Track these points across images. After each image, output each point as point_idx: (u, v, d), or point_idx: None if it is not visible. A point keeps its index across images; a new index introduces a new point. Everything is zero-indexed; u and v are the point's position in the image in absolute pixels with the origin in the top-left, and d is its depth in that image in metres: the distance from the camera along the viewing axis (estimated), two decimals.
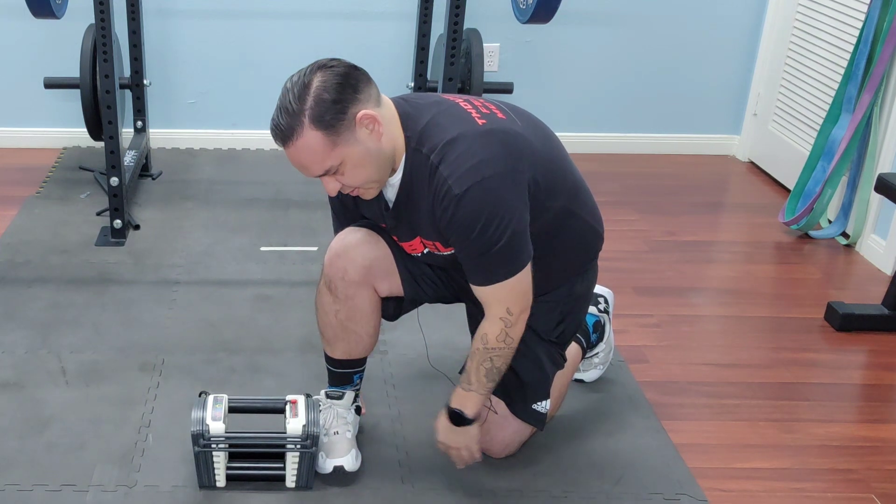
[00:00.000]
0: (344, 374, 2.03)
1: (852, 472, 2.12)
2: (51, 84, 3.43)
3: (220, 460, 1.95)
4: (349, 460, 1.99)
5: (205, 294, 2.78)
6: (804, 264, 3.15)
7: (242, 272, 2.92)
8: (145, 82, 3.54)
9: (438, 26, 3.28)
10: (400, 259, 1.96)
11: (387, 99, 1.77)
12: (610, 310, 2.37)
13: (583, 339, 2.24)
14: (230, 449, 1.95)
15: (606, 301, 2.37)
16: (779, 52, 3.77)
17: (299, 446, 1.93)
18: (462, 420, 1.91)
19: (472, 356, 1.87)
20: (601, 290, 2.36)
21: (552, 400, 2.08)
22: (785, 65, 3.73)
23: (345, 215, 2.00)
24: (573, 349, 2.18)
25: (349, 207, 1.98)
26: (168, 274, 2.88)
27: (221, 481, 1.97)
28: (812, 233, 3.33)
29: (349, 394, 2.04)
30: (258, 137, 3.89)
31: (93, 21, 3.05)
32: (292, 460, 1.95)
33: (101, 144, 3.29)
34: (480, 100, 1.85)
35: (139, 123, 3.62)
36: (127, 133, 3.56)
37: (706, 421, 2.29)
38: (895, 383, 2.49)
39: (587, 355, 2.31)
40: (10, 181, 3.56)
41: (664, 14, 3.84)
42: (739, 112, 4.02)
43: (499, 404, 2.04)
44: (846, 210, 3.28)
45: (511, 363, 1.89)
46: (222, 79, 3.84)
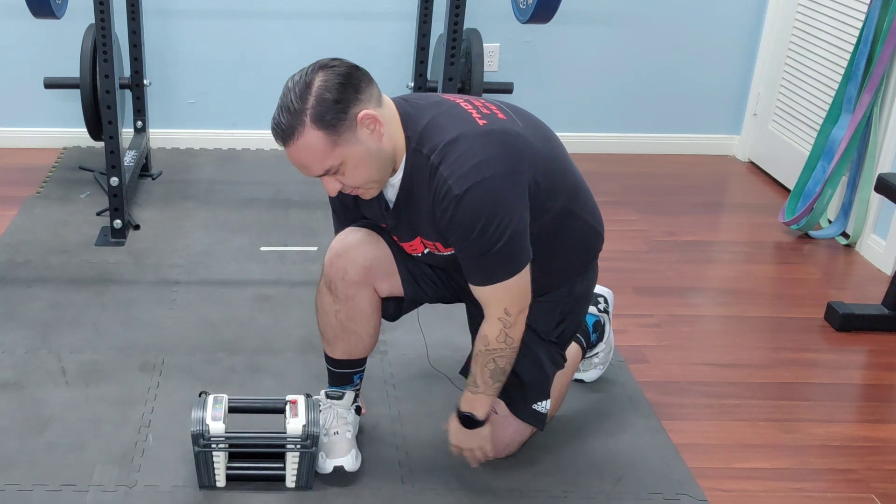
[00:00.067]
0: (344, 375, 2.03)
1: (852, 472, 2.12)
2: (51, 84, 3.43)
3: (220, 460, 1.95)
4: (349, 460, 1.99)
5: (205, 294, 2.78)
6: (804, 264, 3.15)
7: (242, 272, 2.92)
8: (145, 82, 3.54)
9: (438, 26, 3.28)
10: (400, 259, 1.96)
11: (387, 99, 1.77)
12: (610, 310, 2.37)
13: (583, 339, 2.24)
14: (230, 449, 1.95)
15: (606, 301, 2.36)
16: (779, 52, 3.77)
17: (299, 446, 1.93)
18: (473, 423, 1.92)
19: (476, 359, 1.87)
20: (601, 290, 2.36)
21: (552, 400, 2.08)
22: (785, 65, 3.73)
23: (345, 215, 2.00)
24: (573, 349, 2.18)
25: (349, 207, 1.98)
26: (168, 274, 2.88)
27: (221, 481, 1.97)
28: (812, 233, 3.33)
29: (349, 394, 2.04)
30: (258, 137, 3.89)
31: (93, 21, 3.05)
32: (292, 460, 1.95)
33: (101, 144, 3.29)
34: (481, 100, 1.85)
35: (139, 123, 3.62)
36: (127, 133, 3.56)
37: (706, 421, 2.29)
38: (895, 383, 2.49)
39: (587, 355, 2.31)
40: (10, 181, 3.56)
41: (664, 14, 3.84)
42: (739, 112, 4.02)
43: (499, 404, 2.03)
44: (846, 210, 3.28)
45: None
46: (222, 79, 3.84)
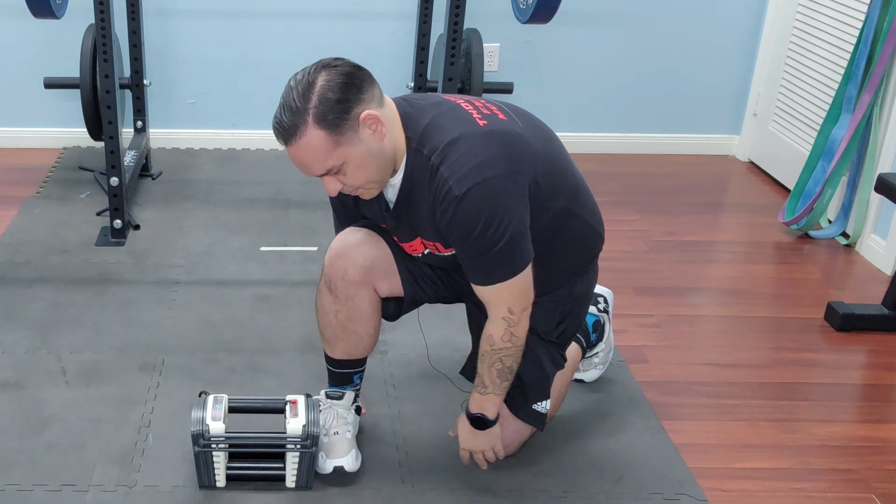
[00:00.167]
0: (344, 375, 2.03)
1: (852, 472, 2.12)
2: (51, 84, 3.43)
3: (220, 460, 1.95)
4: (349, 460, 1.99)
5: (205, 294, 2.78)
6: (804, 264, 3.15)
7: (242, 272, 2.92)
8: (145, 82, 3.54)
9: (438, 26, 3.28)
10: (400, 259, 1.96)
11: (388, 99, 1.77)
12: (610, 310, 2.37)
13: (583, 339, 2.24)
14: (230, 449, 1.95)
15: (606, 301, 2.36)
16: (779, 52, 3.77)
17: (299, 446, 1.93)
18: (485, 423, 1.93)
19: (482, 359, 1.87)
20: (601, 290, 2.36)
21: (552, 400, 2.08)
22: (785, 65, 3.73)
23: (345, 215, 2.00)
24: (573, 349, 2.18)
25: (350, 207, 1.97)
26: (168, 274, 2.88)
27: (221, 481, 1.97)
28: (812, 233, 3.33)
29: (349, 394, 2.04)
30: (258, 137, 3.89)
31: (93, 21, 3.04)
32: (292, 460, 1.95)
33: (101, 144, 3.29)
34: (481, 100, 1.85)
35: (139, 123, 3.62)
36: (127, 133, 3.56)
37: (706, 421, 2.29)
38: (895, 383, 2.49)
39: (587, 355, 2.31)
40: (10, 181, 3.55)
41: (664, 14, 3.84)
42: (739, 112, 4.02)
43: None
44: (846, 210, 3.28)
45: None
46: (222, 79, 3.84)
